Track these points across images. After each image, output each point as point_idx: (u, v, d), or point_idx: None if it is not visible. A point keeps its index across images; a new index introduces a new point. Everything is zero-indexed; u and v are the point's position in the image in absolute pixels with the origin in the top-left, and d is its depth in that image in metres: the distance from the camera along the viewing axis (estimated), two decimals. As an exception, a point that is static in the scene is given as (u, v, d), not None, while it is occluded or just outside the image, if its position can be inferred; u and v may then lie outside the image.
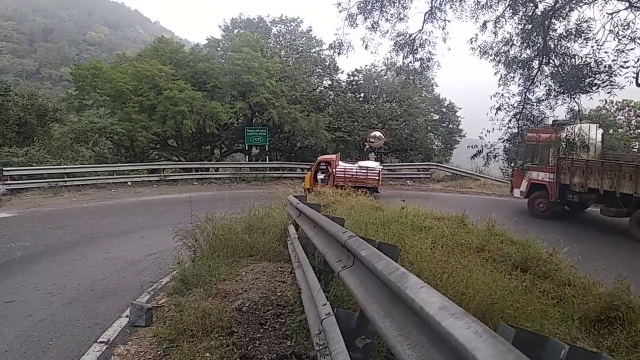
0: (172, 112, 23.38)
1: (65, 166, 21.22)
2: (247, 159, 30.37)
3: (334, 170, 20.35)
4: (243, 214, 10.39)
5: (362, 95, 32.82)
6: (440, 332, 1.63)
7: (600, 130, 17.97)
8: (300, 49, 33.84)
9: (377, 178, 20.80)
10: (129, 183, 22.74)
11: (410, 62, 13.71)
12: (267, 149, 29.52)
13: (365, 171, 20.65)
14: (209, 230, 8.35)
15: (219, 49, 29.68)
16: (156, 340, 5.29)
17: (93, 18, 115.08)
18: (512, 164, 18.59)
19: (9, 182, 19.15)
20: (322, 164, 21.04)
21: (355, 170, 20.66)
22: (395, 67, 15.46)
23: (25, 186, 19.69)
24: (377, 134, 26.83)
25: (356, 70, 32.94)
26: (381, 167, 22.21)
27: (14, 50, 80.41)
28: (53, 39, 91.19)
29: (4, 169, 19.15)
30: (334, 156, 21.21)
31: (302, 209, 7.36)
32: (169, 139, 26.90)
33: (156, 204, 18.41)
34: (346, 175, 20.41)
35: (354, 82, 32.87)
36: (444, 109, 36.08)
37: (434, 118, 35.43)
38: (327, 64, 32.63)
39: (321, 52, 33.41)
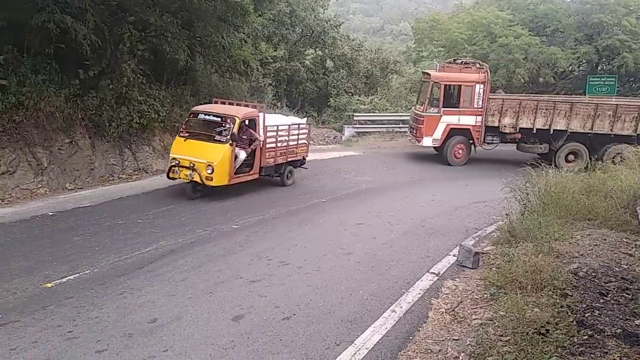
0: (504, 60, 22.43)
1: (400, 114, 23.48)
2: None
3: (264, 136, 10.46)
4: (581, 172, 9.35)
5: None
6: None
7: None
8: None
9: (306, 142, 12.38)
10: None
11: None
12: (613, 101, 25.09)
13: (296, 132, 11.76)
14: (540, 185, 7.87)
15: (564, -14, 26.27)
16: (483, 284, 5.49)
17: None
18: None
19: (357, 126, 22.62)
20: (243, 124, 10.06)
21: (286, 132, 11.37)
22: None
23: (368, 130, 22.80)
24: None
25: None
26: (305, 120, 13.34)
27: (364, 10, 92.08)
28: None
29: (354, 114, 22.68)
30: (255, 109, 10.84)
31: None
32: (498, 89, 26.09)
33: (480, 154, 18.45)
34: (279, 145, 11.05)
35: None
36: None
37: None
38: None
39: None
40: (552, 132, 14.97)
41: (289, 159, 11.44)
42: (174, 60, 14.96)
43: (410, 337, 4.57)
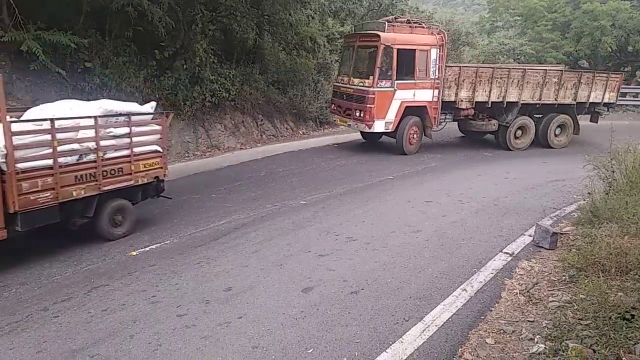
0: (589, 28, 20.80)
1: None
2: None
3: (8, 145, 5.15)
4: None
5: None
6: None
7: None
8: None
9: (160, 150, 6.94)
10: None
11: None
12: None
13: (124, 131, 6.34)
14: (628, 163, 7.28)
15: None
16: (562, 265, 5.24)
17: None
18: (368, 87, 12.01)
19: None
20: None
21: (91, 132, 5.97)
22: None
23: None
24: None
25: None
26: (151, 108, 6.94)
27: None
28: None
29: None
30: None
31: None
32: (581, 59, 24.33)
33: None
34: (70, 162, 5.81)
35: None
36: None
37: None
38: None
39: None
40: (505, 104, 13.24)
41: (106, 188, 6.15)
42: (243, 39, 15.24)
43: (482, 317, 4.47)
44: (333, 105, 13.54)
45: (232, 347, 4.03)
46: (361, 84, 12.22)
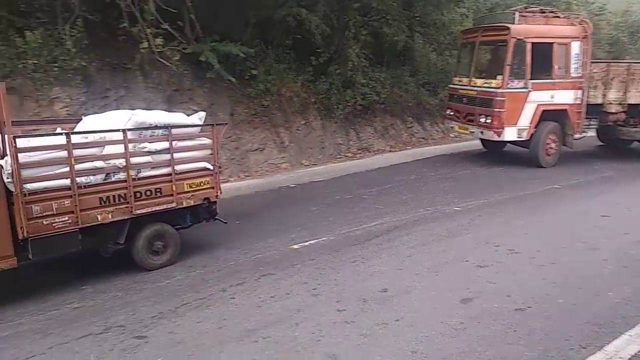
0: None
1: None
2: None
3: (14, 162, 4.53)
4: None
5: None
6: None
7: None
8: None
9: (211, 167, 5.94)
10: None
11: None
12: None
13: (166, 146, 5.52)
14: None
15: None
16: None
17: None
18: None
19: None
20: None
21: (119, 147, 5.19)
22: None
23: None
24: None
25: None
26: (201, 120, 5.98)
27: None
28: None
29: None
30: None
31: None
32: None
33: None
34: (94, 181, 5.10)
35: None
36: None
37: None
38: None
39: None
40: None
41: (139, 211, 5.41)
42: (393, 42, 15.27)
43: (682, 356, 3.81)
44: (449, 110, 12.03)
45: (391, 348, 4.03)
46: (486, 85, 10.70)
